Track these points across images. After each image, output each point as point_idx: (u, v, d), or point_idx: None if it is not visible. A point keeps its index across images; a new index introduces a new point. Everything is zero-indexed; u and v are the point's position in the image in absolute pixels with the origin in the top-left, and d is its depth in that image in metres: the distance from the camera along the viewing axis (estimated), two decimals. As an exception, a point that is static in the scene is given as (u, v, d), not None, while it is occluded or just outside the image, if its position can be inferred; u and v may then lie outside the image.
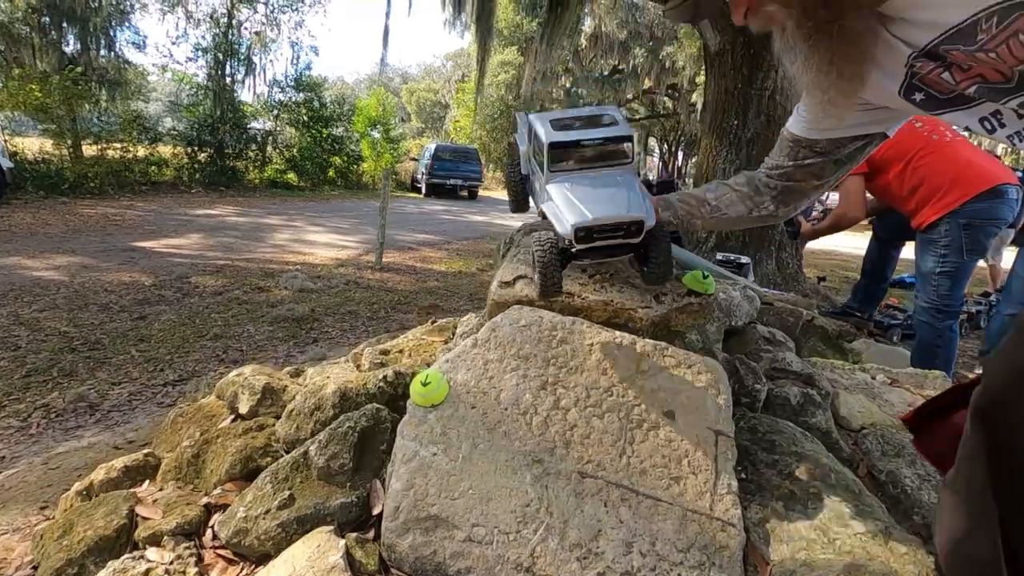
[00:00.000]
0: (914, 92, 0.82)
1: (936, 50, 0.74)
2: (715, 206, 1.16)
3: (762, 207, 1.12)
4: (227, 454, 1.07)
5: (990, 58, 0.69)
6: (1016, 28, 0.65)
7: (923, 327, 2.32)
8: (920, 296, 2.33)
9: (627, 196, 1.00)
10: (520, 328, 1.09)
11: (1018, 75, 0.71)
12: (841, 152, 1.01)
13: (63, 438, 2.38)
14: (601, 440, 0.95)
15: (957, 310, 2.28)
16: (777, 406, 1.30)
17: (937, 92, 0.80)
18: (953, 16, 0.68)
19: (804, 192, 1.09)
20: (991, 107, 0.77)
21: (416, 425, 0.95)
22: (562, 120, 1.09)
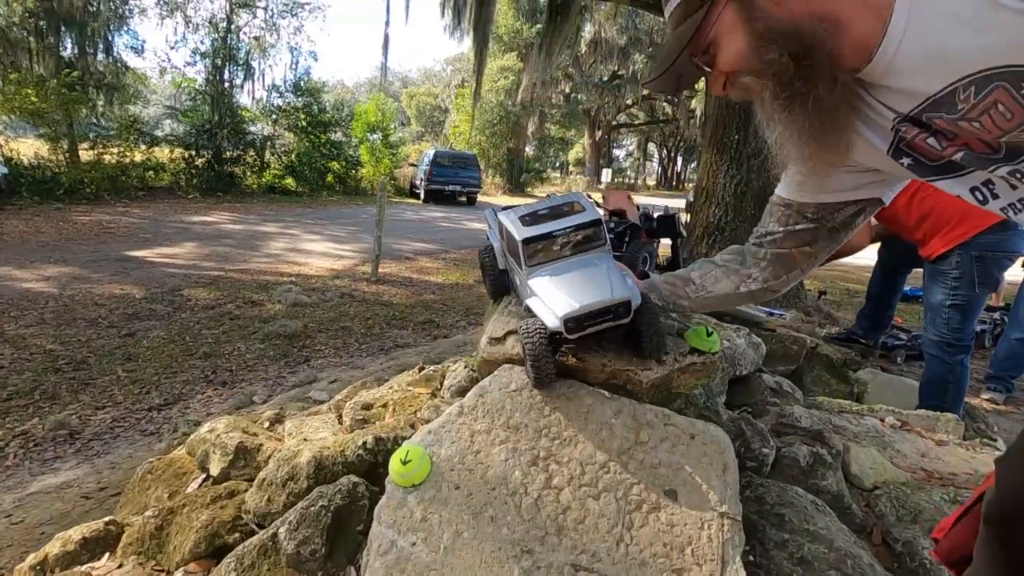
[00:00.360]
0: (902, 156, 0.79)
1: (919, 117, 0.71)
2: (700, 284, 1.11)
3: (750, 281, 1.06)
4: (192, 529, 0.99)
5: (974, 127, 0.67)
6: (994, 99, 0.63)
7: (933, 361, 2.24)
8: (930, 329, 2.25)
9: (609, 279, 0.95)
10: (510, 393, 1.01)
11: (1004, 146, 0.68)
12: (834, 219, 0.97)
13: (39, 470, 2.29)
14: (597, 525, 0.87)
15: (968, 344, 2.20)
16: (785, 467, 1.22)
17: (925, 158, 0.77)
18: (930, 86, 0.67)
19: (795, 262, 1.03)
20: (982, 176, 0.75)
21: (394, 509, 0.87)
22: (530, 215, 1.06)
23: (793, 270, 1.04)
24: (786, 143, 0.81)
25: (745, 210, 4.62)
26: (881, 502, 1.25)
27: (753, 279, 1.05)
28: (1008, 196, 0.76)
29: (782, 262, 1.02)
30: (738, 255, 1.09)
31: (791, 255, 1.01)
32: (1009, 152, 0.68)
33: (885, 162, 0.82)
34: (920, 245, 2.29)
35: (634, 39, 25.17)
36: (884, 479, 1.32)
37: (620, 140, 47.89)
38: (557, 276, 1.00)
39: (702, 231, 4.83)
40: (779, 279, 1.04)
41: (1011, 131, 0.65)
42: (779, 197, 1.00)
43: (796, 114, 0.76)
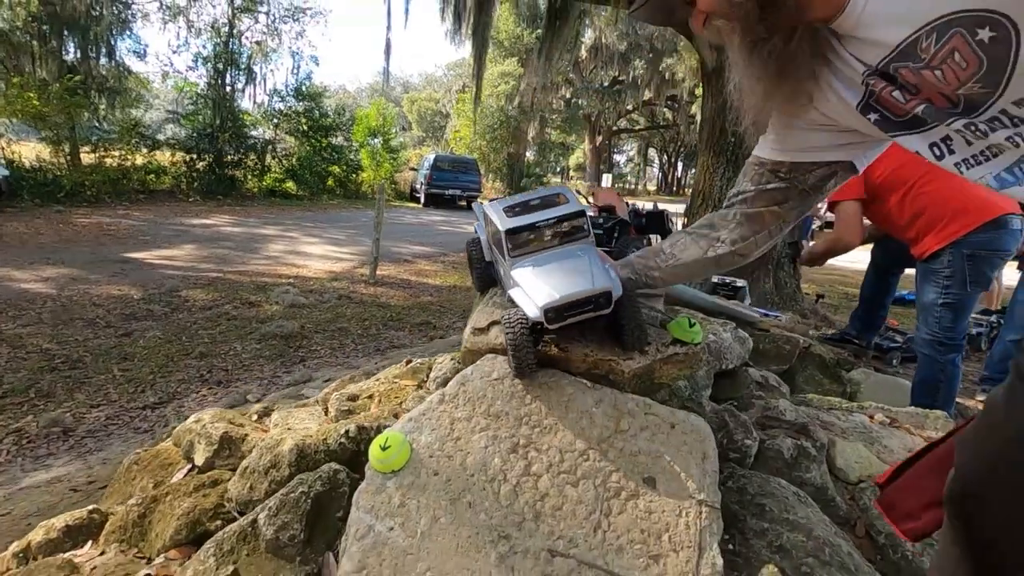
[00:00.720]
0: (870, 111, 0.81)
1: (887, 69, 0.74)
2: (669, 253, 1.12)
3: (718, 244, 1.07)
4: (174, 516, 0.99)
5: (936, 77, 0.69)
6: (952, 46, 0.65)
7: (925, 360, 2.24)
8: (922, 328, 2.25)
9: (590, 270, 0.95)
10: (492, 382, 1.01)
11: (962, 100, 0.70)
12: (805, 181, 0.98)
13: (32, 467, 2.29)
14: (574, 512, 0.88)
15: (960, 343, 2.20)
16: (769, 459, 1.22)
17: (891, 113, 0.79)
18: (896, 36, 0.69)
19: (764, 222, 1.03)
20: (941, 131, 0.77)
21: (373, 495, 0.87)
22: (514, 206, 1.07)
23: (761, 231, 1.04)
24: (746, 90, 0.83)
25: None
26: (865, 495, 1.24)
27: (721, 241, 1.06)
28: (963, 151, 0.78)
29: (751, 222, 1.03)
30: (708, 220, 1.11)
31: (760, 215, 1.02)
32: (966, 106, 0.70)
33: (854, 117, 0.83)
34: (912, 244, 2.29)
35: (634, 44, 25.24)
36: (869, 473, 1.32)
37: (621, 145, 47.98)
38: (539, 266, 1.01)
39: (699, 233, 4.84)
40: (747, 240, 1.05)
41: (967, 82, 0.67)
42: (754, 156, 1.03)
43: (755, 60, 0.78)
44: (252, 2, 14.91)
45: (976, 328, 4.90)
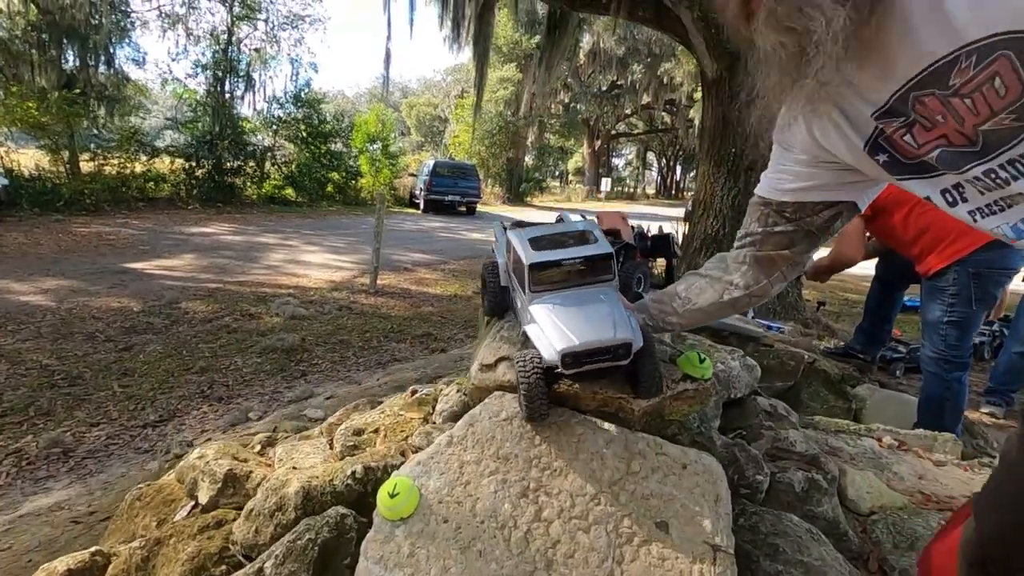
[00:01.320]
0: (879, 152, 0.78)
1: (907, 97, 0.70)
2: (685, 298, 1.11)
3: (732, 288, 1.06)
4: (178, 561, 0.98)
5: (965, 105, 0.65)
6: (995, 70, 0.61)
7: (931, 378, 2.23)
8: (927, 346, 2.24)
9: (613, 317, 0.93)
10: (500, 423, 1.00)
11: (982, 138, 0.67)
12: (812, 223, 0.96)
13: (31, 490, 2.27)
14: (587, 559, 0.86)
15: (966, 361, 2.19)
16: (780, 492, 1.21)
17: (901, 155, 0.77)
18: (938, 46, 0.64)
19: (775, 265, 1.02)
20: (952, 179, 0.75)
21: (381, 544, 0.86)
22: (541, 239, 1.04)
23: (773, 273, 1.03)
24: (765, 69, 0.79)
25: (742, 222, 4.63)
26: (878, 528, 1.23)
27: (735, 286, 1.05)
28: (976, 200, 0.75)
29: (762, 265, 1.02)
30: (721, 262, 1.09)
31: (771, 258, 1.01)
32: (985, 146, 0.68)
33: (859, 158, 0.81)
34: (917, 261, 2.28)
35: (632, 49, 25.33)
36: (881, 503, 1.31)
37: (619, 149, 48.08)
38: (560, 307, 0.98)
39: (700, 243, 4.84)
40: (760, 284, 1.04)
41: (999, 112, 0.64)
42: (758, 196, 1.01)
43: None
44: (251, 10, 14.94)
45: (979, 338, 4.89)
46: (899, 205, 2.27)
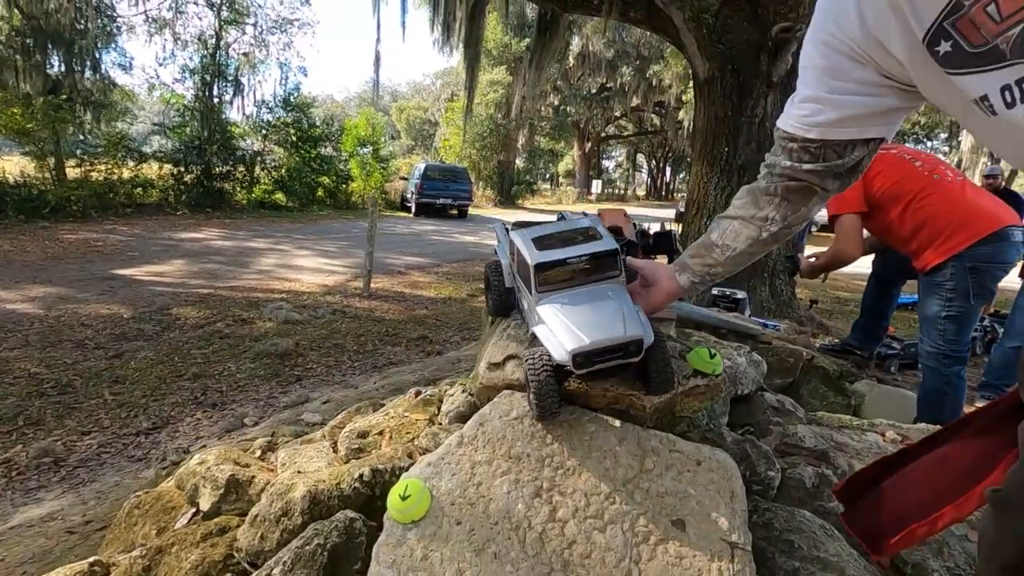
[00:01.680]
0: (940, 40, 0.68)
1: None
2: (723, 245, 1.07)
3: (769, 224, 1.02)
4: (182, 570, 0.95)
5: None
6: None
7: (930, 373, 2.24)
8: (925, 341, 2.25)
9: (622, 314, 0.91)
10: (511, 422, 0.98)
11: None
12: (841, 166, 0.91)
13: (22, 500, 2.22)
14: (604, 560, 0.84)
15: (964, 355, 2.20)
16: (791, 489, 1.20)
17: (968, 42, 0.66)
18: None
19: (806, 194, 0.97)
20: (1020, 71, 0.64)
21: (393, 548, 0.84)
22: (544, 238, 1.02)
23: (811, 199, 0.98)
24: None
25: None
26: (888, 523, 1.22)
27: (771, 220, 1.01)
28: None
29: (794, 192, 0.98)
30: (750, 197, 1.04)
31: (803, 188, 0.96)
32: None
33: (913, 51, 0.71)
34: (914, 257, 2.29)
35: (621, 52, 25.45)
36: (890, 498, 1.30)
37: (609, 151, 48.28)
38: (568, 306, 0.95)
39: (694, 242, 4.85)
40: (797, 212, 1.00)
41: None
42: (781, 131, 0.94)
43: None
44: (239, 14, 14.86)
45: (972, 333, 4.93)
46: (895, 201, 2.28)
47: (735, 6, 4.37)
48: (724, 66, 4.55)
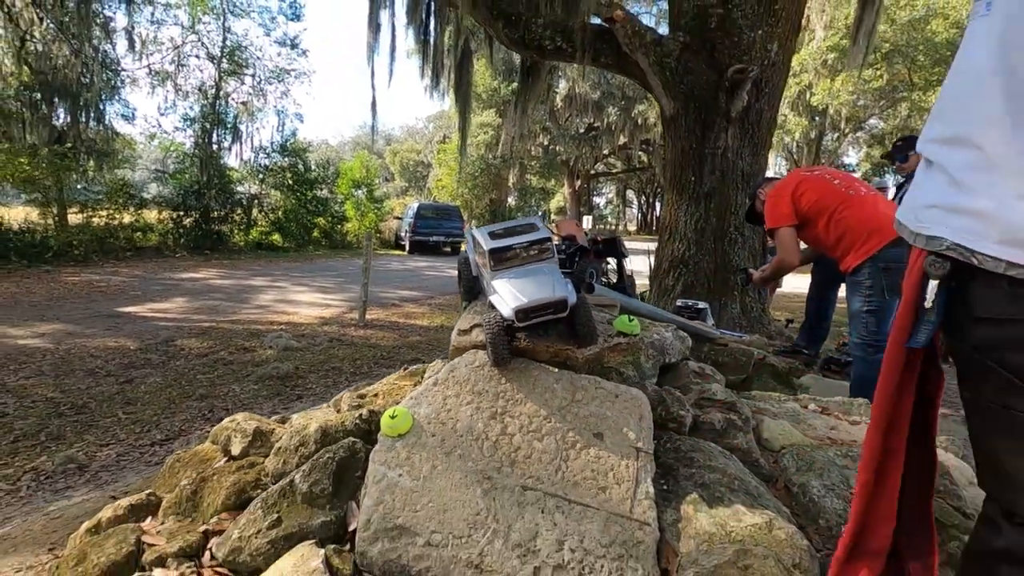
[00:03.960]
0: None
1: None
2: None
3: None
4: (222, 488, 1.24)
5: None
6: None
7: (857, 361, 2.55)
8: (853, 334, 2.58)
9: (552, 282, 1.24)
10: (475, 368, 1.29)
11: None
12: None
13: (53, 498, 2.46)
14: (541, 459, 1.14)
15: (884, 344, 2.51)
16: (705, 430, 1.49)
17: None
18: None
19: None
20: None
21: (385, 452, 1.13)
22: (496, 232, 1.36)
23: None
24: None
25: (706, 244, 5.01)
26: (785, 458, 1.52)
27: None
28: None
29: None
30: None
31: None
32: None
33: None
34: (840, 261, 2.64)
35: (607, 93, 26.46)
36: (791, 443, 1.60)
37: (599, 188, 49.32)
38: (513, 278, 1.29)
39: (668, 264, 5.20)
40: None
41: None
42: None
43: None
44: (238, 66, 15.56)
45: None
46: (820, 214, 2.64)
47: (693, 51, 4.85)
48: (687, 104, 5.00)
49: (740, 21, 4.67)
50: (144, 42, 14.24)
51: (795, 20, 4.94)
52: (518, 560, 0.99)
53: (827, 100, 18.43)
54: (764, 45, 4.72)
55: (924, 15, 17.07)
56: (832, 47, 17.09)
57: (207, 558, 1.09)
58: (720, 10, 4.75)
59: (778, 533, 1.05)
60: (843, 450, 1.58)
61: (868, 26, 6.37)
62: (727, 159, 4.95)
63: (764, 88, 4.81)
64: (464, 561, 0.99)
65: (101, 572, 1.06)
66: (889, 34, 16.27)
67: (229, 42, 15.24)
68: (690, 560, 1.02)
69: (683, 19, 5.00)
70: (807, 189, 2.66)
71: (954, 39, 16.53)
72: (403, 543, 1.01)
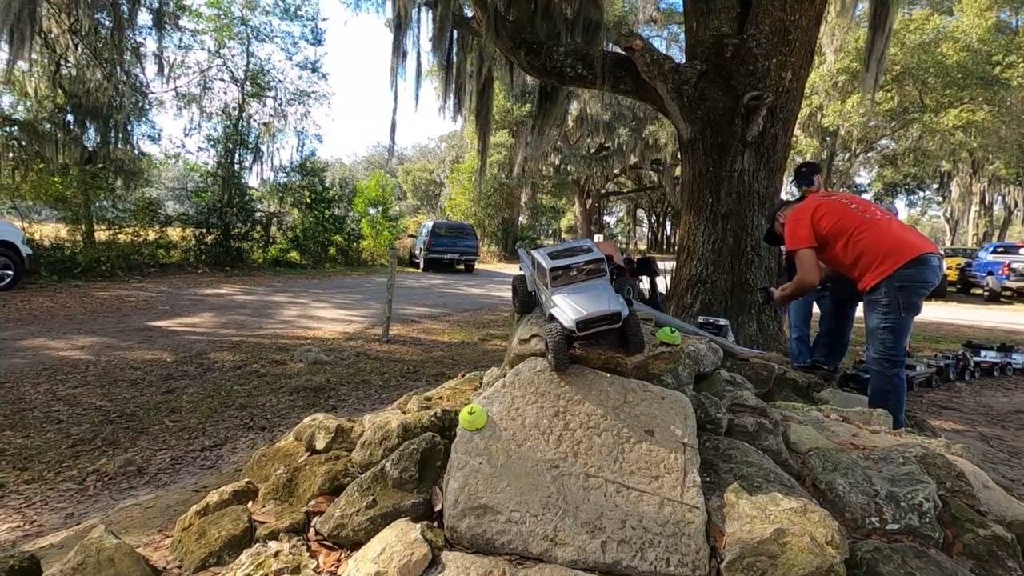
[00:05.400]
0: None
1: None
2: None
3: None
4: (316, 476, 1.41)
5: None
6: None
7: (875, 375, 2.69)
8: (870, 349, 2.72)
9: (607, 297, 1.41)
10: (537, 372, 1.46)
11: None
12: None
13: (120, 497, 2.64)
14: (600, 451, 1.31)
15: (901, 359, 2.66)
16: (738, 432, 1.65)
17: None
18: None
19: None
20: None
21: (465, 443, 1.31)
22: (555, 253, 1.54)
23: None
24: None
25: (723, 264, 5.17)
26: (812, 459, 1.67)
27: None
28: None
29: None
30: None
31: None
32: None
33: None
34: (857, 281, 2.79)
35: (618, 114, 26.87)
36: (817, 446, 1.75)
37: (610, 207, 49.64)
38: (572, 294, 1.46)
39: (686, 283, 5.36)
40: None
41: None
42: None
43: None
44: (261, 88, 16.06)
45: (944, 360, 5.36)
46: (838, 237, 2.81)
47: (710, 79, 5.07)
48: (704, 129, 5.20)
49: (755, 50, 4.88)
50: (172, 66, 14.76)
51: (808, 49, 5.15)
52: (587, 535, 1.16)
53: (838, 121, 18.62)
54: (778, 73, 4.93)
55: (934, 38, 17.29)
56: (842, 70, 17.33)
57: (311, 534, 1.26)
58: (735, 40, 4.97)
59: (812, 515, 1.20)
60: (865, 453, 1.73)
61: (879, 51, 6.58)
62: (743, 181, 5.13)
63: (779, 114, 5.00)
64: (541, 535, 1.15)
65: (223, 544, 1.23)
66: (899, 57, 16.48)
67: (253, 66, 15.76)
68: (735, 538, 1.17)
69: (699, 48, 5.23)
70: (825, 213, 2.83)
71: (964, 62, 16.72)
72: (487, 519, 1.18)
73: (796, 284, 3.20)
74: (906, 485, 1.50)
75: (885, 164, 28.43)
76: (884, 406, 2.63)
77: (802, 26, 4.86)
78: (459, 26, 7.19)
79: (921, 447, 1.76)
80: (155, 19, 13.44)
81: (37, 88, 12.94)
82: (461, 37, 7.49)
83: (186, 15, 14.45)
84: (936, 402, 4.68)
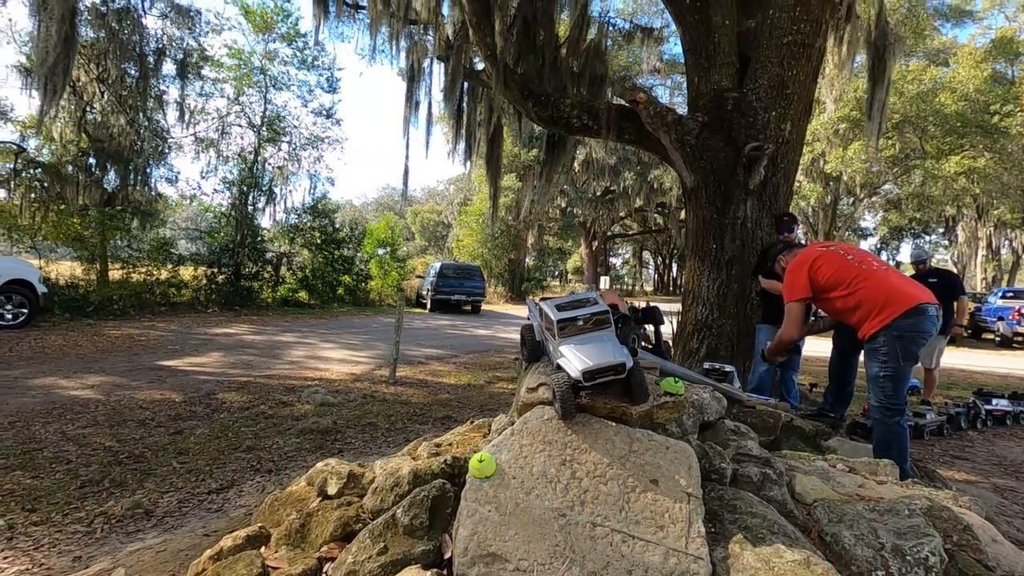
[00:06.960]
0: None
1: None
2: None
3: None
4: (328, 522, 1.44)
5: None
6: None
7: (876, 424, 2.70)
8: (872, 398, 2.74)
9: (612, 348, 1.47)
10: (544, 421, 1.50)
11: None
12: None
13: (127, 540, 2.65)
14: (606, 500, 1.34)
15: (902, 408, 2.67)
16: (743, 482, 1.67)
17: None
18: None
19: None
20: None
21: (475, 491, 1.34)
22: (562, 305, 1.61)
23: None
24: None
25: (728, 309, 5.22)
26: (817, 511, 1.68)
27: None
28: None
29: None
30: None
31: None
32: None
33: None
34: (857, 329, 2.84)
35: (623, 159, 27.44)
36: (822, 497, 1.76)
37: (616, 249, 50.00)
38: (579, 345, 1.51)
39: (692, 328, 5.39)
40: None
41: None
42: None
43: None
44: (276, 133, 16.58)
45: (955, 409, 5.32)
46: (836, 287, 2.87)
47: (712, 130, 5.23)
48: (707, 178, 5.33)
49: (755, 103, 5.06)
50: (192, 112, 15.32)
51: (806, 101, 5.33)
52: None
53: (841, 167, 18.92)
54: (778, 125, 5.09)
55: (931, 88, 17.73)
56: (843, 118, 17.72)
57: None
58: (735, 93, 5.16)
59: (816, 568, 1.22)
60: (870, 505, 1.74)
61: (880, 101, 6.80)
62: (747, 228, 5.22)
63: (780, 163, 5.14)
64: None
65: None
66: (899, 105, 16.86)
67: (269, 112, 16.32)
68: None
69: (701, 101, 5.42)
70: (823, 264, 2.90)
71: (963, 111, 17.08)
72: (496, 568, 1.20)
73: (777, 339, 3.25)
74: (912, 538, 1.51)
75: (889, 208, 28.67)
76: (888, 455, 2.63)
77: (799, 80, 5.04)
78: (470, 78, 7.50)
79: (927, 499, 1.77)
80: (179, 69, 14.05)
81: (63, 133, 13.44)
82: (471, 88, 7.79)
83: (208, 65, 15.07)
84: (948, 451, 4.62)
